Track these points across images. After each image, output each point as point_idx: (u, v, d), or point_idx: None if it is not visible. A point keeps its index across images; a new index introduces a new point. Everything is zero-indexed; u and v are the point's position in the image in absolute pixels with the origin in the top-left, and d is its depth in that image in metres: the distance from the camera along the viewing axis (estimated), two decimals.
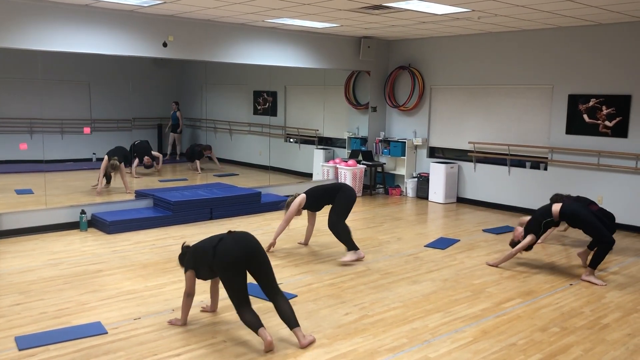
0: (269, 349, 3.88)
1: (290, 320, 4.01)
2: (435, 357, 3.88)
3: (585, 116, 8.21)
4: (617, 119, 7.89)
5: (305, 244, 6.82)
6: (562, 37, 8.40)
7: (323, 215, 6.65)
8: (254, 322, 3.91)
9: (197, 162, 11.00)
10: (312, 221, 6.74)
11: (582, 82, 8.25)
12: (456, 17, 7.72)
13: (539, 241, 6.50)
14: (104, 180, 8.98)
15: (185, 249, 4.41)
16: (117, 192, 9.04)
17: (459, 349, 4.02)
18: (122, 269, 5.74)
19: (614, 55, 7.91)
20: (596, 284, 5.53)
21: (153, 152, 10.42)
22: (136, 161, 10.12)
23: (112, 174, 9.08)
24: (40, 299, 4.87)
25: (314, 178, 10.88)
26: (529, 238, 5.85)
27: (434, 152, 10.41)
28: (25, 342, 3.98)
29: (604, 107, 8.02)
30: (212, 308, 4.64)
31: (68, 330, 4.21)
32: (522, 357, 3.93)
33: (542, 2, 6.53)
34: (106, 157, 8.80)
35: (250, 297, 4.05)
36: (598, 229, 5.67)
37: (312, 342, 4.04)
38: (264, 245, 4.60)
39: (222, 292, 4.88)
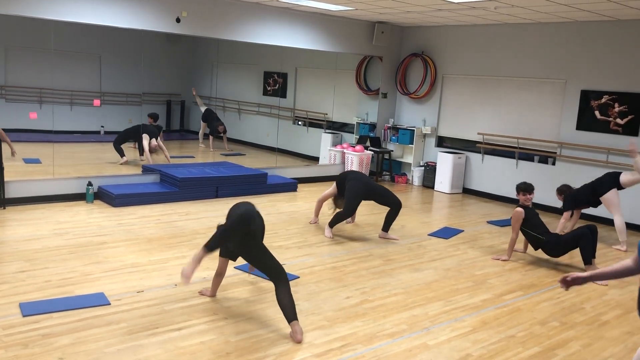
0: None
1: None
2: (434, 345, 3.91)
3: (596, 112, 8.15)
4: (629, 117, 7.82)
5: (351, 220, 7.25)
6: (579, 32, 8.31)
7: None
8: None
9: (211, 138, 11.01)
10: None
11: (595, 78, 8.18)
12: (473, 6, 7.64)
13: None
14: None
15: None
16: (124, 166, 9.08)
17: (458, 338, 4.04)
18: (126, 242, 5.78)
19: (630, 52, 7.82)
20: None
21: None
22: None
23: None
24: (45, 267, 4.92)
25: (321, 162, 10.87)
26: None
27: (442, 142, 10.37)
28: (29, 309, 4.03)
29: (616, 105, 7.95)
30: (211, 293, 4.52)
31: (72, 299, 4.26)
32: (520, 349, 3.95)
33: None
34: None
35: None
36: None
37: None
38: None
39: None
